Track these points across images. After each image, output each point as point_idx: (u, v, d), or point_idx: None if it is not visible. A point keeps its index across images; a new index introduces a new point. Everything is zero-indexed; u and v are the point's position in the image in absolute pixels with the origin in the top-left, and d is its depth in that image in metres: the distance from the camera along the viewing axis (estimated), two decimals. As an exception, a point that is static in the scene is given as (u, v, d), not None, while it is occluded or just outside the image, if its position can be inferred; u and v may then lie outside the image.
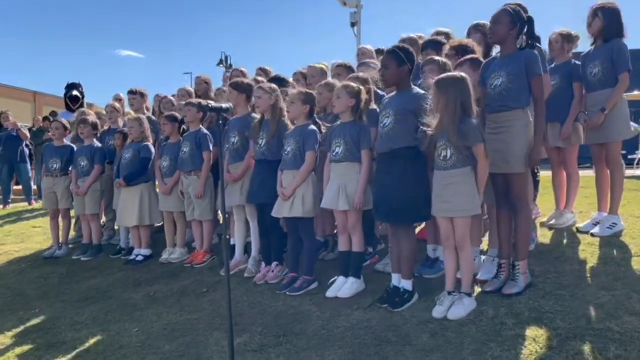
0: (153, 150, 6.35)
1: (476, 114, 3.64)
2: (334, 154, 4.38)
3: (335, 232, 5.08)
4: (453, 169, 3.65)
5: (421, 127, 3.75)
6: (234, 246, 5.44)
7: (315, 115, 4.81)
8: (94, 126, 6.76)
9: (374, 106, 4.57)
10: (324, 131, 4.66)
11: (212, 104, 3.37)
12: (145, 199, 6.24)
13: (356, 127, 4.33)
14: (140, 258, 6.21)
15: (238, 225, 5.40)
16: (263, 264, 5.07)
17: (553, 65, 5.13)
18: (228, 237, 3.96)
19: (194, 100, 5.95)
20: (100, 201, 6.81)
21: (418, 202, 3.87)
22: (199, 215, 5.80)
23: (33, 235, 8.06)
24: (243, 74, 6.42)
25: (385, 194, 3.99)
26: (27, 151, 11.42)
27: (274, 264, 4.97)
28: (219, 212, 6.19)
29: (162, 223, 6.44)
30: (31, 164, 11.95)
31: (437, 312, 3.74)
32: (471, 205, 3.67)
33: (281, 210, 4.65)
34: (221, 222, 6.10)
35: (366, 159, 4.27)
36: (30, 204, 11.07)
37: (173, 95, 7.28)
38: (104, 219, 7.25)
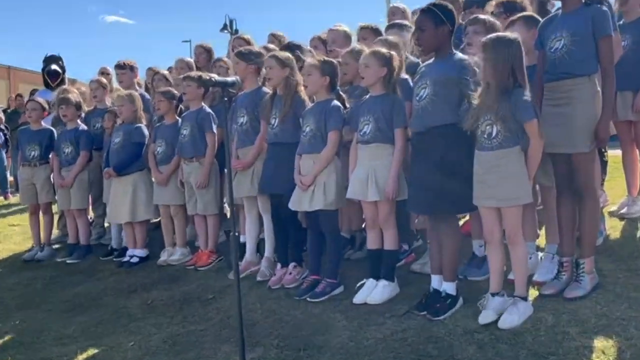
0: (147, 132, 6.40)
1: (529, 84, 3.63)
2: (362, 133, 4.39)
3: (364, 226, 5.12)
4: (499, 148, 3.65)
5: (465, 100, 3.78)
6: (244, 244, 5.50)
7: (338, 88, 4.80)
8: (77, 106, 6.77)
9: (405, 75, 4.58)
10: (349, 107, 4.68)
11: (216, 77, 3.39)
12: (140, 191, 6.27)
13: (388, 101, 4.33)
14: (135, 260, 6.28)
15: (249, 220, 5.45)
16: (278, 265, 5.13)
17: (621, 23, 5.08)
18: (237, 234, 4.02)
19: (194, 74, 5.95)
20: (88, 194, 6.85)
21: (462, 189, 3.85)
22: (202, 208, 5.84)
23: (10, 235, 8.16)
24: (247, 42, 6.45)
25: (423, 180, 4.01)
26: (1, 136, 11.55)
27: (292, 264, 5.01)
28: (226, 204, 6.20)
29: (159, 219, 6.50)
30: (6, 152, 12.11)
31: (484, 317, 3.74)
32: (521, 192, 3.66)
33: (299, 202, 4.68)
34: (228, 216, 6.12)
35: (400, 139, 4.28)
36: (6, 197, 11.26)
37: (169, 68, 7.34)
38: (91, 215, 7.31)
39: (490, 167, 3.68)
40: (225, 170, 3.86)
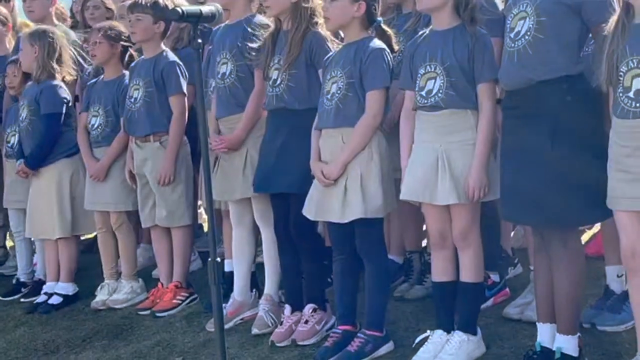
0: (66, 94, 6.39)
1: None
2: (423, 93, 4.38)
3: (425, 245, 5.15)
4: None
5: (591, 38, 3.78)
6: (231, 274, 5.52)
7: (379, 19, 4.78)
8: None
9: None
10: (399, 49, 4.73)
11: (183, 4, 3.50)
12: (67, 190, 6.33)
13: (464, 38, 4.31)
14: (56, 300, 6.32)
15: (238, 235, 5.46)
16: (287, 309, 5.13)
17: None
18: (219, 258, 3.89)
19: None
20: None
21: (589, 185, 3.85)
22: (164, 217, 5.86)
23: None
24: None
25: (523, 170, 4.02)
26: None
27: (308, 307, 5.02)
28: (202, 210, 6.33)
29: (93, 233, 6.54)
30: None
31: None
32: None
33: (321, 208, 4.69)
34: (205, 229, 6.20)
35: (487, 102, 4.27)
36: None
37: None
38: None
39: (637, 148, 3.65)
40: (201, 155, 3.91)
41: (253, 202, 5.31)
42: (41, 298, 6.42)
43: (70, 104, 6.43)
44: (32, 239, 6.73)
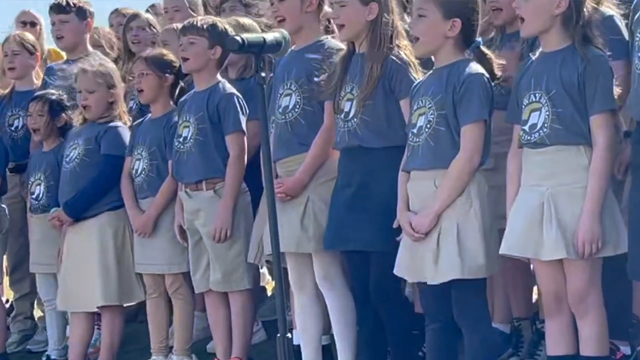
0: (126, 137, 6.13)
1: None
2: (527, 128, 4.17)
3: (537, 311, 5.00)
4: None
5: None
6: (298, 348, 5.20)
7: (477, 40, 4.49)
8: None
9: (608, 9, 4.48)
10: (500, 76, 4.46)
11: (245, 34, 3.54)
12: (111, 249, 6.00)
13: (574, 61, 4.09)
14: None
15: (300, 302, 5.25)
16: None
17: None
18: (290, 331, 3.85)
19: (202, 20, 5.70)
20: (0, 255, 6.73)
21: None
22: (221, 280, 5.54)
23: None
24: None
25: None
26: None
27: None
28: (265, 269, 6.17)
29: (141, 300, 6.22)
30: None
31: None
32: None
33: (412, 267, 4.42)
34: (269, 292, 6.32)
35: (602, 137, 4.02)
36: None
37: (151, 7, 7.38)
38: (9, 297, 7.30)
39: None
40: (267, 202, 3.67)
41: (314, 261, 5.09)
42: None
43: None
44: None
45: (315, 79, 5.03)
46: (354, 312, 4.94)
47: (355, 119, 4.72)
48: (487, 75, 4.39)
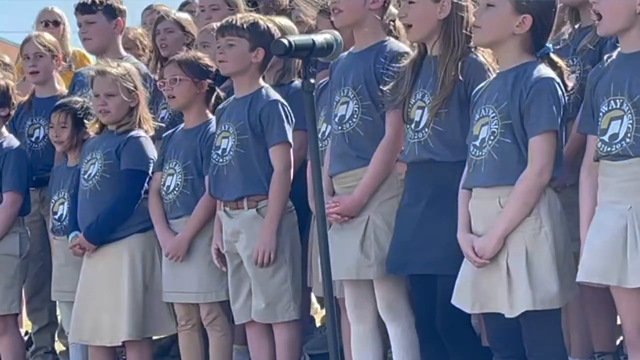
0: (154, 154, 6.05)
1: None
2: (606, 138, 4.07)
3: (620, 344, 5.03)
4: None
5: None
6: None
7: (549, 47, 4.41)
8: (2, 93, 6.59)
9: None
10: (572, 80, 4.42)
11: (292, 36, 3.64)
12: (139, 275, 5.91)
13: None
14: None
15: (358, 332, 5.11)
16: None
17: None
18: None
19: (241, 19, 5.54)
20: (19, 284, 6.53)
21: None
22: (264, 310, 5.39)
23: None
24: None
25: None
26: None
27: None
28: (313, 298, 6.20)
29: (172, 333, 6.15)
30: None
31: None
32: None
33: (478, 297, 4.32)
34: (318, 323, 6.32)
35: None
36: None
37: (184, 4, 7.51)
38: (27, 327, 7.30)
39: None
40: (316, 223, 3.83)
41: (376, 288, 4.95)
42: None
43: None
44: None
45: (380, 87, 4.91)
46: (419, 348, 4.89)
47: (426, 129, 4.62)
48: (559, 80, 4.26)
